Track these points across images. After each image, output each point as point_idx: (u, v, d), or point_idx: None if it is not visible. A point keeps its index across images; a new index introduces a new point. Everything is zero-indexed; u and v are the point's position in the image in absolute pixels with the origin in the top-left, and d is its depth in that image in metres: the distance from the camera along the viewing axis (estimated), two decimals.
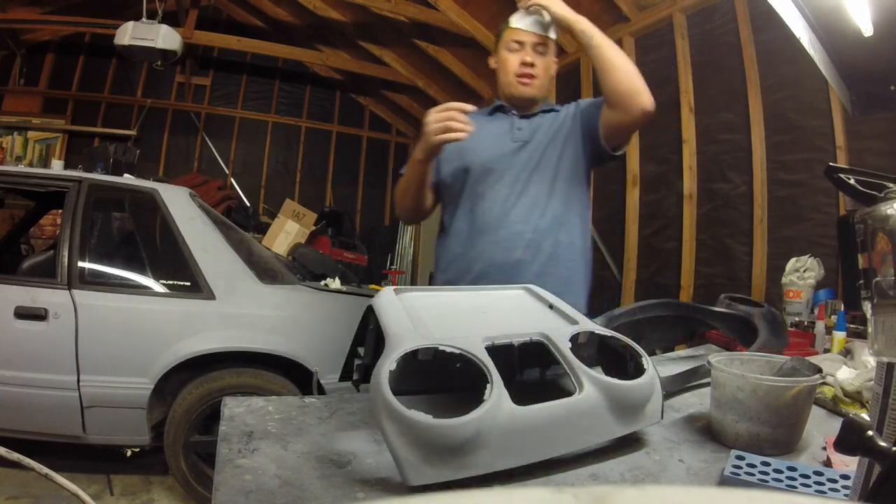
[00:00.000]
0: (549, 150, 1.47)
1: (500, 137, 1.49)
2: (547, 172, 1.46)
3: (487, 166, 1.46)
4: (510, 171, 1.45)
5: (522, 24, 1.46)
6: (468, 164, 1.48)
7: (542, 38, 1.46)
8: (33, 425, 2.26)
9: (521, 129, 1.50)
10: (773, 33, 2.73)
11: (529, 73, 1.46)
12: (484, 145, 1.48)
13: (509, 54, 1.47)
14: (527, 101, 1.51)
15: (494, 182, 1.45)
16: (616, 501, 0.18)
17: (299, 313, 2.53)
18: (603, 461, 0.74)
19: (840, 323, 1.54)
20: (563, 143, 1.47)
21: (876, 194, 0.54)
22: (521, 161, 1.46)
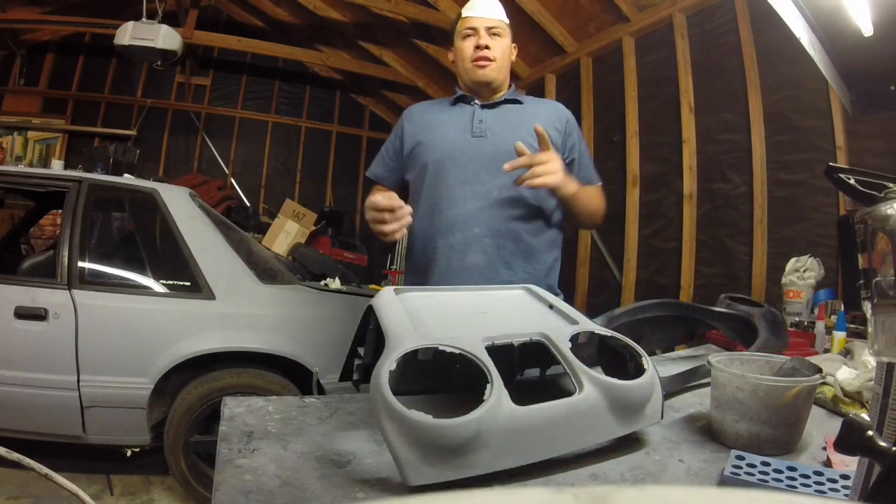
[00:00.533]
0: (513, 144, 1.34)
1: (459, 131, 1.43)
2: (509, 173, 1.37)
3: (445, 162, 1.40)
4: (469, 166, 1.38)
5: (474, 12, 1.45)
6: (426, 160, 1.43)
7: (495, 21, 1.44)
8: (33, 425, 2.26)
9: (481, 122, 1.43)
10: (773, 33, 2.73)
11: (485, 56, 1.42)
12: (442, 140, 1.43)
13: (464, 42, 1.45)
14: (486, 85, 1.45)
15: (452, 179, 1.39)
16: (616, 501, 0.18)
17: (299, 313, 2.53)
18: (603, 461, 0.74)
19: (840, 323, 1.54)
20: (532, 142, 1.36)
21: (876, 194, 0.55)
22: (482, 155, 1.38)
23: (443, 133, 1.43)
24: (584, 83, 4.11)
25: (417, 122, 1.51)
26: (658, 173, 3.52)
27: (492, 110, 1.46)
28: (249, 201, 6.82)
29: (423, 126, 1.49)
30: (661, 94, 3.50)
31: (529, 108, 1.49)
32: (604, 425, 0.73)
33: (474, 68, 1.44)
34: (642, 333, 1.30)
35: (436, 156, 1.42)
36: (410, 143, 1.48)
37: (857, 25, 1.41)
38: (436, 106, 1.55)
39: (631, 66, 3.68)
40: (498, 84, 1.47)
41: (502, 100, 1.48)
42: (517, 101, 1.49)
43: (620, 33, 3.71)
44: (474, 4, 1.47)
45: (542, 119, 1.39)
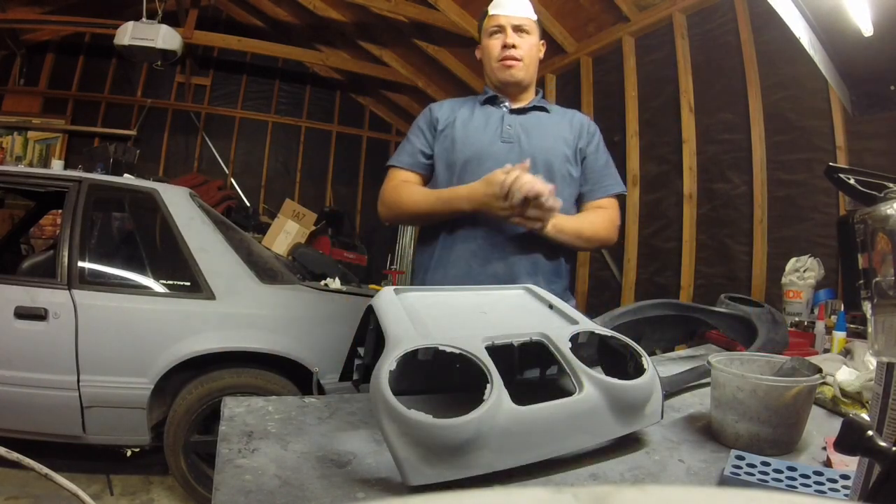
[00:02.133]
0: (540, 156, 1.38)
1: (489, 133, 1.42)
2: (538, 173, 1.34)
3: (474, 164, 1.38)
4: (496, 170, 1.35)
5: (500, 10, 1.43)
6: (455, 158, 1.41)
7: (522, 19, 1.42)
8: (33, 425, 2.26)
9: (510, 126, 1.42)
10: (773, 33, 2.73)
11: (513, 56, 1.41)
12: (472, 140, 1.41)
13: (490, 40, 1.44)
14: (514, 85, 1.45)
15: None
16: (616, 501, 0.18)
17: (299, 313, 2.53)
18: (603, 461, 0.74)
19: (840, 323, 1.54)
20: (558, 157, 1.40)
21: (876, 194, 0.55)
22: (511, 161, 1.34)
23: (474, 133, 1.42)
24: (584, 83, 4.11)
25: (448, 117, 1.48)
26: (658, 173, 3.52)
27: (520, 116, 1.45)
28: (249, 201, 6.82)
29: (453, 122, 1.46)
30: (661, 94, 3.50)
31: (555, 118, 1.48)
32: (604, 425, 0.73)
33: (502, 68, 1.43)
34: (642, 333, 1.30)
35: (465, 155, 1.40)
36: (441, 137, 1.46)
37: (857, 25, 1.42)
38: (466, 103, 1.52)
39: (631, 66, 3.68)
40: (526, 83, 1.47)
41: (531, 106, 1.47)
42: (544, 109, 1.49)
43: (620, 33, 3.71)
44: (501, 1, 1.44)
45: (562, 130, 1.44)
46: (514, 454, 0.65)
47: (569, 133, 1.44)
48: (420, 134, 1.51)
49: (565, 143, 1.43)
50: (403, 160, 1.50)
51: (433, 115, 1.50)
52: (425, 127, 1.50)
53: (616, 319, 1.23)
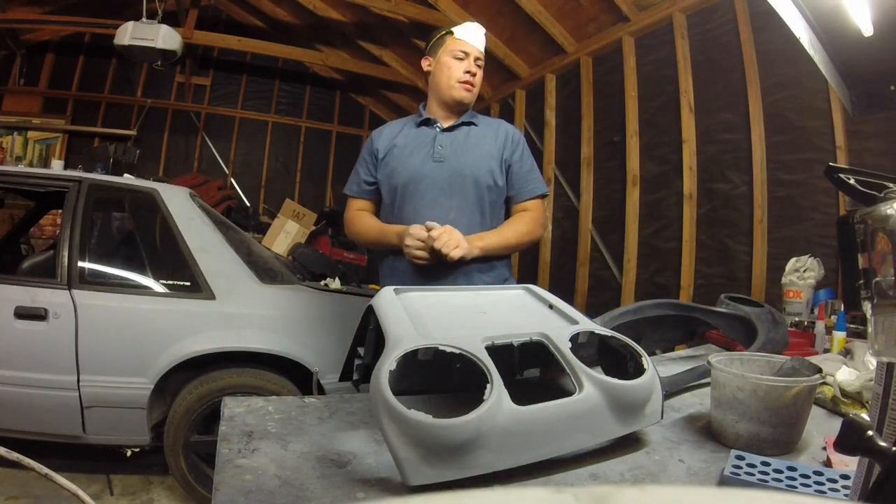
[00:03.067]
0: (467, 170, 1.53)
1: (421, 154, 1.56)
2: (467, 192, 1.52)
3: (410, 187, 1.54)
4: (429, 189, 1.52)
5: (470, 39, 1.58)
6: (395, 184, 1.56)
7: (482, 53, 1.60)
8: (33, 425, 2.26)
9: (442, 147, 1.56)
10: (773, 33, 2.73)
11: (472, 83, 1.57)
12: (408, 164, 1.56)
13: (454, 61, 1.57)
14: (465, 106, 1.61)
15: (416, 202, 1.52)
16: (616, 501, 0.18)
17: (299, 313, 2.53)
18: (603, 461, 0.74)
19: (840, 323, 1.54)
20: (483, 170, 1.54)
21: (876, 194, 0.55)
22: (440, 180, 1.52)
23: (409, 157, 1.57)
24: (584, 83, 4.11)
25: (387, 144, 1.63)
26: (658, 173, 3.52)
27: (451, 133, 1.59)
28: (249, 201, 6.82)
29: (391, 149, 1.61)
30: (661, 94, 3.50)
31: (481, 129, 1.62)
32: (604, 425, 0.73)
33: (460, 89, 1.57)
34: (642, 333, 1.30)
35: (402, 180, 1.55)
36: (382, 165, 1.62)
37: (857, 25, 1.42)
38: (402, 127, 1.67)
39: (631, 66, 3.68)
40: (468, 107, 1.63)
41: (460, 123, 1.61)
42: (472, 124, 1.62)
43: (620, 33, 3.71)
44: (469, 32, 1.59)
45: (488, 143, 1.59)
46: (514, 454, 0.65)
47: (493, 145, 1.58)
48: (364, 163, 1.67)
49: (490, 156, 1.56)
50: (353, 189, 1.69)
51: (373, 146, 1.65)
52: (367, 156, 1.67)
53: (616, 319, 1.23)
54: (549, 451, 0.69)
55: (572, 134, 4.25)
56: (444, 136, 1.59)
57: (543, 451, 0.68)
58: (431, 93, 1.64)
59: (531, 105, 4.81)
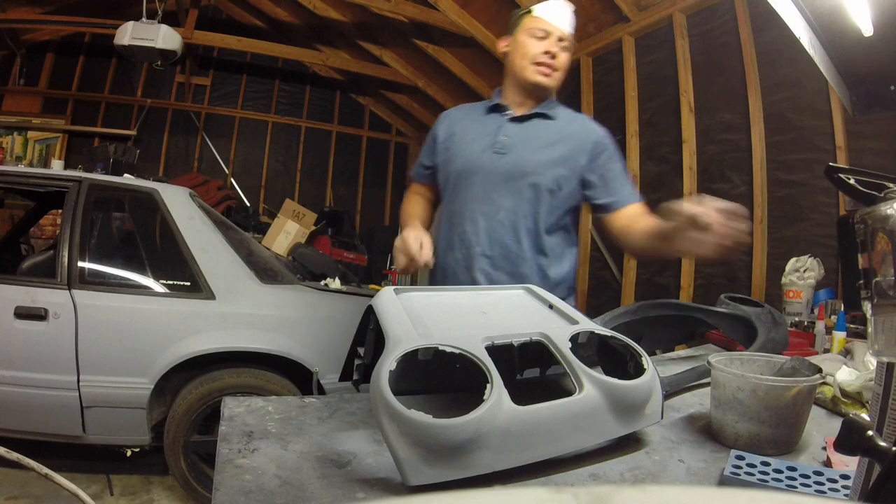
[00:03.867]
0: (529, 168, 1.36)
1: (483, 145, 1.41)
2: (523, 192, 1.36)
3: (463, 177, 1.41)
4: (483, 183, 1.38)
5: (551, 17, 1.39)
6: (449, 171, 1.44)
7: (567, 35, 1.40)
8: (33, 425, 2.26)
9: (506, 136, 1.40)
10: (773, 33, 2.73)
11: (552, 65, 1.38)
12: (465, 152, 1.42)
13: (532, 40, 1.38)
14: (541, 91, 1.41)
15: (466, 195, 1.39)
16: (616, 501, 0.18)
17: (299, 313, 2.53)
18: (603, 461, 0.74)
19: (840, 323, 1.54)
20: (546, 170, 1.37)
21: (876, 194, 0.55)
22: (497, 173, 1.37)
23: (469, 145, 1.42)
24: (584, 83, 4.11)
25: (450, 128, 1.50)
26: (658, 173, 3.52)
27: (520, 124, 1.42)
28: (249, 201, 6.82)
29: (453, 134, 1.48)
30: (661, 94, 3.50)
31: (559, 125, 1.43)
32: (604, 425, 0.73)
33: (535, 71, 1.38)
34: (642, 333, 1.30)
35: (457, 168, 1.42)
36: (441, 150, 1.49)
37: (857, 25, 1.42)
38: (471, 112, 1.53)
39: (631, 66, 3.68)
40: (549, 93, 1.44)
41: (532, 113, 1.43)
42: (547, 117, 1.43)
43: (620, 33, 3.71)
44: (551, 9, 1.41)
45: (569, 142, 1.39)
46: (514, 454, 0.65)
47: (568, 146, 1.39)
48: (426, 147, 1.55)
49: (561, 158, 1.38)
50: (414, 171, 1.59)
51: (436, 129, 1.52)
52: (430, 139, 1.54)
53: (616, 319, 1.23)
54: (549, 451, 0.69)
55: None
56: (512, 125, 1.41)
57: (543, 451, 0.68)
58: (506, 76, 1.47)
59: None
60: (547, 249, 1.40)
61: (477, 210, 1.37)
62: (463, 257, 1.39)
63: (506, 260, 1.38)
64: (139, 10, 4.26)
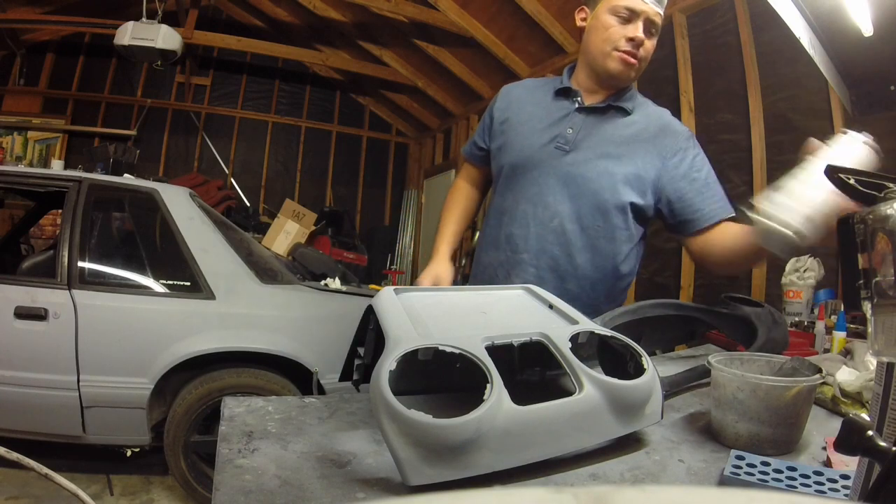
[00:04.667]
0: (591, 174, 1.19)
1: (544, 136, 1.24)
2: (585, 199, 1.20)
3: (518, 171, 1.25)
4: (538, 182, 1.22)
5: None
6: (503, 162, 1.28)
7: (657, 16, 1.19)
8: (33, 425, 2.26)
9: (572, 129, 1.23)
10: (773, 33, 2.73)
11: (636, 55, 1.20)
12: (523, 143, 1.26)
13: (615, 21, 1.18)
14: (619, 80, 1.24)
15: (519, 193, 1.25)
16: (616, 501, 0.18)
17: (299, 313, 2.53)
18: (603, 461, 0.74)
19: (840, 323, 1.54)
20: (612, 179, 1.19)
21: (876, 194, 0.55)
22: (556, 173, 1.21)
23: (528, 134, 1.25)
24: None
25: (509, 109, 1.32)
26: None
27: (589, 116, 1.25)
28: (249, 201, 6.82)
29: (511, 117, 1.31)
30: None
31: (635, 119, 1.26)
32: (604, 425, 0.73)
33: (617, 60, 1.20)
34: (642, 333, 1.30)
35: (511, 160, 1.27)
36: (497, 133, 1.32)
37: (857, 25, 1.42)
38: (535, 92, 1.34)
39: None
40: (629, 84, 1.28)
41: (606, 105, 1.26)
42: (623, 110, 1.26)
43: None
44: None
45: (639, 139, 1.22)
46: (514, 454, 0.65)
47: (645, 148, 1.22)
48: (482, 123, 1.38)
49: (635, 162, 1.20)
50: (466, 149, 1.42)
51: (494, 105, 1.35)
52: (487, 116, 1.37)
53: (616, 319, 1.22)
54: (549, 451, 0.69)
55: None
56: (580, 116, 1.24)
57: (543, 451, 0.68)
58: (581, 56, 1.29)
59: None
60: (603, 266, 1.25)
61: (529, 213, 1.23)
62: (506, 260, 1.27)
63: (553, 273, 1.24)
64: (139, 10, 4.26)
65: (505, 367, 0.72)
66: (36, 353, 2.21)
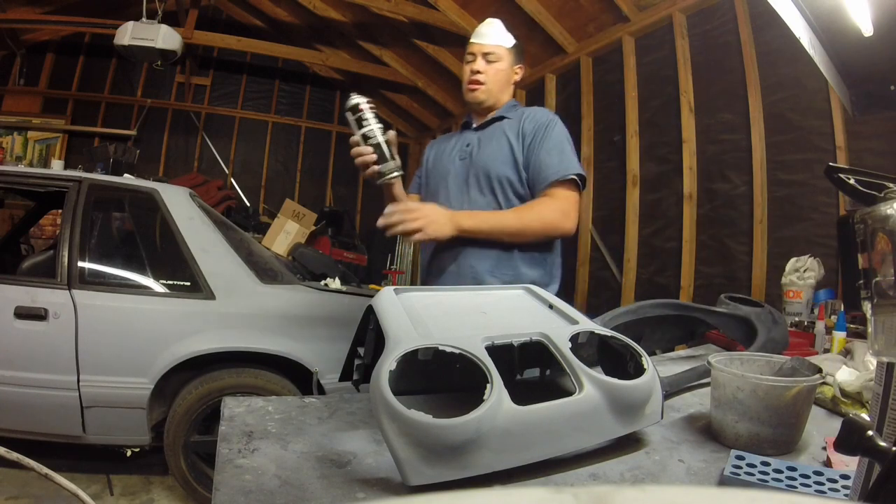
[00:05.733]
0: (482, 166, 1.49)
1: (452, 154, 1.58)
2: (482, 186, 1.48)
3: (439, 183, 1.57)
4: (451, 186, 1.53)
5: (475, 38, 1.57)
6: (429, 182, 1.62)
7: (491, 47, 1.54)
8: (33, 425, 2.26)
9: (468, 145, 1.56)
10: (773, 33, 2.73)
11: (476, 80, 1.54)
12: (440, 164, 1.61)
13: (465, 66, 1.58)
14: (478, 105, 1.57)
15: (442, 199, 1.52)
16: (616, 501, 0.18)
17: (299, 313, 2.53)
18: (603, 461, 0.74)
19: (840, 323, 1.54)
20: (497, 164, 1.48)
21: (876, 194, 0.55)
22: (460, 176, 1.53)
23: (442, 158, 1.62)
24: (584, 83, 4.11)
25: (432, 150, 1.70)
26: (658, 173, 3.52)
27: (480, 132, 1.58)
28: (249, 201, 6.82)
29: (433, 154, 1.68)
30: (661, 94, 3.50)
31: (511, 122, 1.55)
32: (604, 425, 0.73)
33: (468, 91, 1.57)
34: (642, 333, 1.30)
35: (434, 179, 1.61)
36: (425, 168, 1.69)
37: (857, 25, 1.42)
38: (449, 136, 1.72)
39: (631, 66, 3.68)
40: (489, 105, 1.58)
41: (489, 120, 1.58)
42: (504, 118, 1.57)
43: (620, 33, 3.71)
44: (478, 31, 1.58)
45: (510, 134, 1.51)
46: (514, 454, 0.65)
47: (514, 135, 1.50)
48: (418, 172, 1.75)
49: (509, 148, 1.49)
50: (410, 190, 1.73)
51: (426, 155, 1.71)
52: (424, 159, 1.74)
53: (616, 319, 1.23)
54: (549, 451, 0.69)
55: (572, 134, 4.23)
56: (474, 134, 1.59)
57: (543, 451, 0.68)
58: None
59: (531, 105, 4.80)
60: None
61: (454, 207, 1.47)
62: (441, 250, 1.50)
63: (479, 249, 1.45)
64: (139, 10, 4.26)
65: (505, 367, 0.72)
66: (36, 353, 2.21)
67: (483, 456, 0.63)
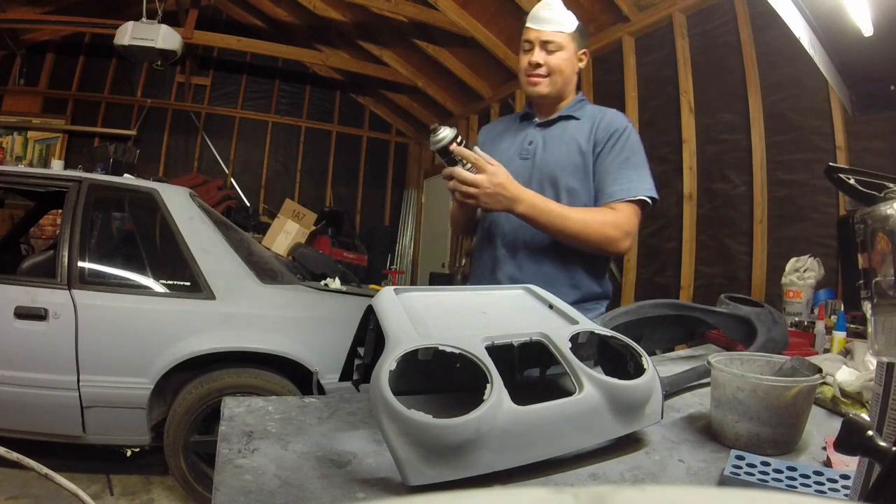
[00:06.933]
0: (547, 169, 1.40)
1: (511, 152, 1.47)
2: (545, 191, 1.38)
3: None
4: None
5: (532, 24, 1.42)
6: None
7: (550, 35, 1.40)
8: (33, 425, 2.26)
9: (531, 143, 1.46)
10: (773, 33, 2.74)
11: (538, 74, 1.42)
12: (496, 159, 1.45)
13: (521, 55, 1.45)
14: (541, 98, 1.46)
15: None
16: (616, 501, 0.18)
17: (299, 313, 2.53)
18: (603, 461, 0.74)
19: (840, 323, 1.54)
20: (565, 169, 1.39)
21: (876, 194, 0.54)
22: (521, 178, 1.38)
23: (499, 154, 1.43)
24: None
25: (484, 141, 1.57)
26: (658, 173, 3.48)
27: (545, 130, 1.47)
28: (249, 201, 6.82)
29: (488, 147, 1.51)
30: (661, 94, 3.50)
31: (581, 123, 1.45)
32: (604, 425, 0.73)
33: (527, 84, 1.45)
34: (642, 333, 1.30)
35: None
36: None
37: (857, 25, 1.42)
38: (505, 124, 1.60)
39: (631, 66, 3.68)
40: (553, 97, 1.46)
41: (556, 117, 1.47)
42: (573, 117, 1.46)
43: (620, 33, 3.71)
44: (534, 14, 1.43)
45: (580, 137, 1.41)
46: (514, 454, 0.65)
47: (584, 139, 1.40)
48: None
49: (578, 152, 1.40)
50: None
51: (478, 142, 1.56)
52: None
53: (616, 319, 1.23)
54: (549, 451, 0.69)
55: None
56: (537, 131, 1.47)
57: (543, 451, 0.68)
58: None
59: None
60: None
61: (503, 214, 1.37)
62: (489, 258, 1.46)
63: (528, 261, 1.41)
64: (139, 10, 4.27)
65: (505, 367, 0.72)
66: (36, 353, 2.21)
67: (483, 456, 0.63)
